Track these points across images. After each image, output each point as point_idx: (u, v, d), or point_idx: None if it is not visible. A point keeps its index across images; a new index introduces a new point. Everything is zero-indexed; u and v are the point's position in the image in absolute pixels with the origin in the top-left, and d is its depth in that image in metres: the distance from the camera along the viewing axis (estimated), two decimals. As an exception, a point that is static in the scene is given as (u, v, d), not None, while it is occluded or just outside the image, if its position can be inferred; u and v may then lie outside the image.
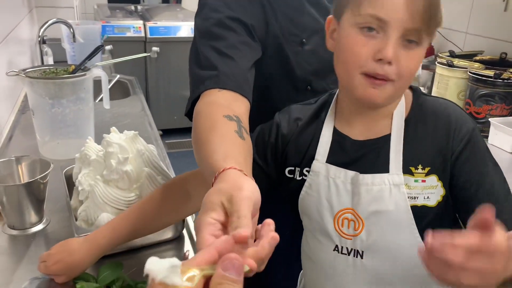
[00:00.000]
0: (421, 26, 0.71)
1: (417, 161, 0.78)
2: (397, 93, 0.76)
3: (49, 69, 1.44)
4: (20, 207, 1.03)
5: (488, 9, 2.15)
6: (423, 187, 0.77)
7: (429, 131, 0.79)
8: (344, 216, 0.81)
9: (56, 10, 2.68)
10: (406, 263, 0.79)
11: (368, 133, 0.82)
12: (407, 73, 0.73)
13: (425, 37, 0.73)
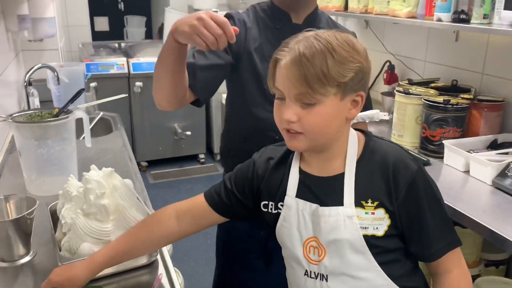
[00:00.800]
0: (305, 90, 0.84)
1: (367, 196, 0.89)
2: (314, 141, 0.90)
3: (34, 113, 1.57)
4: (9, 241, 1.14)
5: (442, 40, 2.34)
6: (373, 218, 0.89)
7: (377, 172, 0.90)
8: (310, 244, 0.93)
9: (42, 53, 2.84)
10: (365, 284, 0.91)
11: (325, 171, 0.94)
12: (311, 127, 0.87)
13: (319, 96, 0.84)
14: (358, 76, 0.86)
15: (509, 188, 1.57)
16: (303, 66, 0.83)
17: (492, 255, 1.74)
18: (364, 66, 0.88)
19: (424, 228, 0.90)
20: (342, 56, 0.84)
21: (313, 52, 0.83)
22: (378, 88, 2.86)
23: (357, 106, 0.90)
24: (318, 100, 0.85)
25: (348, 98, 0.88)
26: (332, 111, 0.86)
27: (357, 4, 2.52)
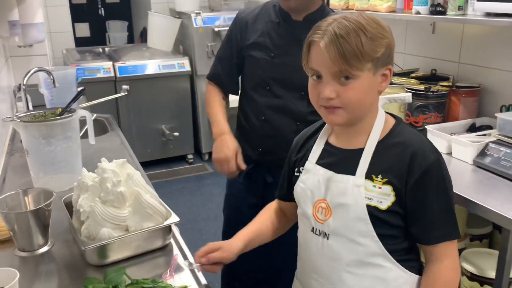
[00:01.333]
0: (343, 67, 0.92)
1: (378, 171, 0.97)
2: (352, 114, 0.97)
3: (38, 113, 1.63)
4: (29, 231, 1.21)
5: (419, 32, 2.48)
6: (379, 192, 0.96)
7: (394, 154, 0.97)
8: (320, 204, 1.03)
9: (31, 58, 2.87)
10: (361, 249, 0.99)
11: (348, 145, 1.03)
12: (351, 101, 0.95)
13: (357, 72, 0.92)
14: (387, 51, 0.94)
15: (488, 166, 1.69)
16: (340, 45, 0.90)
17: (476, 229, 1.86)
18: (391, 42, 0.96)
19: (428, 215, 0.96)
20: (372, 33, 0.92)
21: (347, 32, 0.90)
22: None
23: (387, 79, 0.97)
24: (355, 76, 0.92)
25: (379, 72, 0.95)
26: (367, 85, 0.94)
27: (338, 1, 2.63)
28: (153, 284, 1.02)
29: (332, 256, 1.02)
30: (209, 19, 3.93)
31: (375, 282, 1.00)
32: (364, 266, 1.00)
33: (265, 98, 1.58)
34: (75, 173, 1.64)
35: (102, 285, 1.02)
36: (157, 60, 3.96)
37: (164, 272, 1.12)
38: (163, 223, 1.21)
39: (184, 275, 1.13)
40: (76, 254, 1.24)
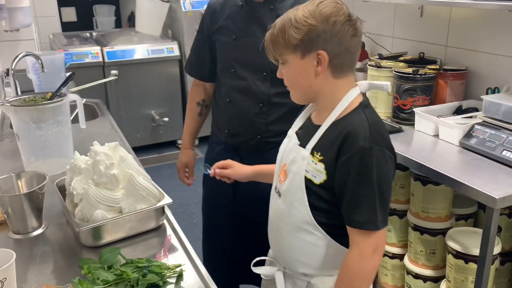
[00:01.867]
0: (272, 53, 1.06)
1: (319, 149, 1.05)
2: (296, 94, 1.09)
3: (28, 98, 1.63)
4: (23, 214, 1.22)
5: (408, 15, 2.49)
6: (314, 168, 1.05)
7: (337, 135, 1.01)
8: (284, 168, 1.14)
9: (18, 43, 2.83)
10: (297, 214, 1.09)
11: (316, 120, 1.11)
12: (287, 82, 1.09)
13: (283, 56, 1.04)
14: (311, 36, 0.98)
15: (474, 147, 1.73)
16: (271, 33, 1.04)
17: (462, 209, 1.91)
18: (318, 28, 0.98)
19: (350, 197, 1.00)
20: (298, 21, 0.99)
21: (279, 22, 1.03)
22: (350, 65, 3.00)
23: (322, 62, 1.00)
24: (284, 60, 1.04)
25: (308, 56, 1.01)
26: (297, 68, 1.04)
27: (327, -16, 2.63)
28: (148, 263, 1.04)
29: (280, 213, 1.14)
30: (198, 3, 3.91)
31: (307, 245, 1.09)
32: (299, 230, 1.09)
33: (231, 80, 1.63)
34: (66, 157, 1.65)
35: (98, 265, 1.04)
36: (145, 45, 3.93)
37: (158, 252, 1.15)
38: (156, 204, 1.23)
39: (178, 254, 1.16)
40: (70, 236, 1.25)
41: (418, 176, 1.86)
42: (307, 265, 1.10)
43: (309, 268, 1.11)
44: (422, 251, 1.91)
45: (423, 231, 1.89)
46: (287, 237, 1.12)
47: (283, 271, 1.17)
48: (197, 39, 1.75)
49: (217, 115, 1.76)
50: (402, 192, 2.03)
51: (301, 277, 1.13)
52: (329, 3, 0.99)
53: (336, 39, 0.99)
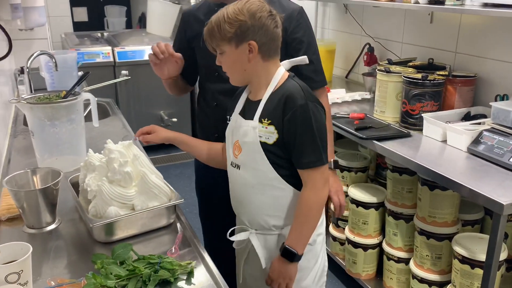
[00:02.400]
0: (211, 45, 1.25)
1: (265, 116, 1.25)
2: (235, 78, 1.28)
3: (43, 96, 1.66)
4: (37, 209, 1.25)
5: (417, 21, 2.51)
6: (265, 131, 1.25)
7: (277, 101, 1.23)
8: (236, 144, 1.32)
9: (31, 42, 2.88)
10: (261, 174, 1.28)
11: (254, 97, 1.30)
12: (225, 69, 1.27)
13: (220, 47, 1.23)
14: (242, 29, 1.18)
15: (482, 153, 1.74)
16: (208, 28, 1.22)
17: (468, 215, 1.92)
18: (247, 22, 1.18)
19: (297, 145, 1.23)
20: (230, 18, 1.18)
21: (214, 19, 1.20)
22: (359, 69, 3.02)
23: (253, 50, 1.21)
24: (222, 50, 1.23)
25: (242, 46, 1.20)
26: (233, 56, 1.23)
27: (338, -11, 2.65)
28: (160, 260, 1.07)
29: (243, 182, 1.32)
30: (208, 6, 3.94)
31: (274, 199, 1.30)
32: (265, 187, 1.29)
33: (215, 84, 1.63)
34: (79, 154, 1.68)
35: (110, 261, 1.07)
36: (156, 45, 3.97)
37: (169, 249, 1.17)
38: (168, 202, 1.25)
39: (189, 252, 1.18)
40: (83, 232, 1.28)
41: (425, 181, 1.87)
42: (277, 217, 1.32)
43: (279, 219, 1.32)
44: (428, 256, 1.92)
45: (429, 236, 1.90)
46: (255, 199, 1.31)
47: (255, 233, 1.35)
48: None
49: (203, 121, 1.76)
50: (409, 197, 2.04)
51: (272, 231, 1.33)
52: (254, 1, 1.20)
53: (262, 31, 1.20)
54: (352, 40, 3.06)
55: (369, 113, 2.34)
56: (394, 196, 2.08)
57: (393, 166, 2.05)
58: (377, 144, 1.96)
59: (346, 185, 2.36)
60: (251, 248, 1.37)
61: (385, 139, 1.98)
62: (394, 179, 2.06)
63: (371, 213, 2.18)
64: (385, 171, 2.28)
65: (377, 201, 2.17)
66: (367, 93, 2.67)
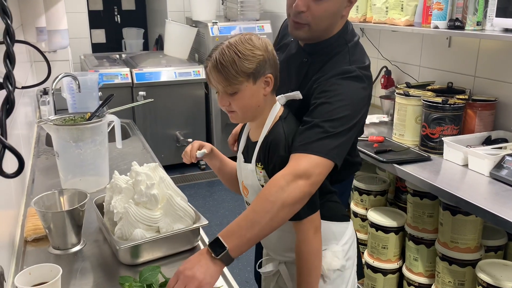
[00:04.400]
0: (225, 85, 1.15)
1: (259, 160, 1.23)
2: (244, 117, 1.22)
3: (68, 117, 1.69)
4: (64, 230, 1.26)
5: (435, 45, 2.52)
6: (261, 175, 1.24)
7: (265, 148, 1.21)
8: (243, 185, 1.32)
9: (53, 64, 2.94)
10: None
11: (254, 137, 1.28)
12: (239, 109, 1.18)
13: (237, 86, 1.14)
14: (261, 64, 1.16)
15: (505, 178, 1.73)
16: (219, 69, 1.14)
17: (491, 241, 1.89)
18: (264, 56, 1.16)
19: None
20: (245, 54, 1.14)
21: (225, 58, 1.14)
22: (376, 92, 3.02)
23: (269, 84, 1.19)
24: (238, 89, 1.16)
25: (259, 81, 1.17)
26: (250, 93, 1.17)
27: (355, 13, 2.69)
28: None
29: None
30: (225, 28, 4.01)
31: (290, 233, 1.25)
32: None
33: None
34: (102, 175, 1.70)
35: (138, 284, 1.07)
36: (173, 67, 4.04)
37: (194, 273, 1.16)
38: (192, 225, 1.25)
39: (213, 276, 1.17)
40: (107, 253, 1.28)
41: (447, 205, 1.85)
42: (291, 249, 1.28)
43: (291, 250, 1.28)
44: (450, 282, 1.89)
45: (451, 262, 1.87)
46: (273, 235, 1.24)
47: (283, 263, 1.34)
48: None
49: None
50: (430, 221, 2.02)
51: None
52: (255, 37, 1.18)
53: (274, 63, 1.20)
54: (368, 63, 3.07)
55: (388, 136, 2.34)
56: (415, 220, 2.06)
57: (414, 190, 2.04)
58: (397, 167, 1.95)
59: (365, 209, 2.35)
60: (279, 277, 1.36)
61: (406, 163, 1.98)
62: (415, 203, 2.04)
63: (390, 237, 2.16)
64: (404, 195, 2.26)
65: (397, 225, 2.14)
66: (385, 116, 2.67)
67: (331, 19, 1.24)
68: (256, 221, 1.08)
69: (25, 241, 1.32)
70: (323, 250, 1.28)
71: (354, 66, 1.24)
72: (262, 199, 1.10)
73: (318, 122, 1.15)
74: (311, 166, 1.11)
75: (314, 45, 1.31)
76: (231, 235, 1.07)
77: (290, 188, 1.09)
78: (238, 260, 1.81)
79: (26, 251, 1.29)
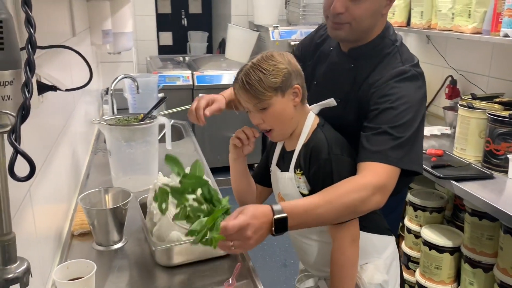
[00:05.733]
0: (255, 102, 1.17)
1: (298, 167, 1.23)
2: (281, 132, 1.22)
3: (122, 117, 1.76)
4: (106, 227, 1.30)
5: (507, 55, 2.34)
6: (300, 181, 1.23)
7: (306, 154, 1.21)
8: (280, 196, 1.31)
9: (118, 65, 3.09)
10: None
11: (289, 147, 1.28)
12: (272, 124, 1.20)
13: (267, 101, 1.16)
14: (286, 77, 1.17)
15: None
16: (246, 89, 1.16)
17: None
18: (288, 69, 1.17)
19: None
20: (269, 70, 1.15)
21: (250, 77, 1.16)
22: (439, 102, 2.87)
23: (298, 94, 1.19)
24: (268, 104, 1.17)
25: (288, 92, 1.18)
26: (280, 106, 1.18)
27: (419, 19, 2.56)
28: None
29: (296, 232, 1.29)
30: (286, 33, 3.99)
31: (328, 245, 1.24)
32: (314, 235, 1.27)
33: None
34: (151, 175, 1.74)
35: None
36: (233, 71, 4.07)
37: (226, 280, 1.16)
38: (229, 232, 1.24)
39: (246, 284, 1.16)
40: (146, 253, 1.31)
41: (509, 229, 1.71)
42: None
43: None
44: (509, 312, 1.74)
45: (511, 290, 1.72)
46: (311, 247, 1.29)
47: (323, 279, 1.31)
48: None
49: None
50: (489, 244, 1.87)
51: None
52: (276, 53, 1.20)
53: (299, 74, 1.21)
54: (433, 71, 2.92)
55: (449, 150, 2.21)
56: (472, 242, 1.91)
57: (472, 210, 1.90)
58: (455, 184, 1.83)
59: (419, 225, 2.23)
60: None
61: (465, 180, 1.85)
62: (473, 224, 1.90)
63: (445, 257, 2.03)
64: (463, 213, 2.12)
65: (452, 245, 2.01)
66: (447, 128, 2.52)
67: (371, 18, 1.21)
68: (324, 216, 1.09)
69: (72, 234, 1.39)
70: (365, 263, 1.25)
71: (408, 65, 1.23)
72: (337, 200, 1.09)
73: (386, 129, 1.15)
74: (390, 178, 1.13)
75: (359, 49, 1.28)
76: (296, 217, 1.06)
77: (371, 202, 1.10)
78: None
79: (71, 245, 1.35)
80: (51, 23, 1.52)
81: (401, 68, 1.22)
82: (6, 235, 0.67)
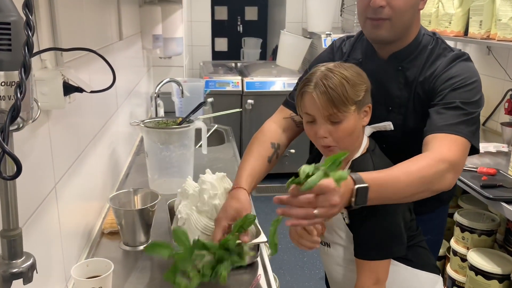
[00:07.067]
0: (333, 111, 1.09)
1: None
2: (343, 149, 1.09)
3: (161, 120, 1.79)
4: (133, 228, 1.32)
5: None
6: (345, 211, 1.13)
7: None
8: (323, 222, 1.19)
9: (169, 69, 3.16)
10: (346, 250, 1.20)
11: None
12: (340, 139, 1.11)
13: (344, 114, 1.09)
14: (366, 93, 1.13)
15: None
16: (329, 94, 1.08)
17: None
18: (368, 85, 1.14)
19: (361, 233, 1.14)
20: (354, 81, 1.10)
21: (334, 82, 1.08)
22: (498, 118, 2.68)
23: (367, 114, 1.16)
24: (345, 117, 1.10)
25: (362, 110, 1.13)
26: (353, 123, 1.12)
27: (478, 29, 2.42)
28: None
29: (332, 260, 1.25)
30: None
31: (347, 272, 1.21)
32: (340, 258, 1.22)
33: None
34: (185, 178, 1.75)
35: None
36: (283, 78, 4.06)
37: (244, 290, 1.13)
38: (251, 241, 1.22)
39: (264, 297, 1.13)
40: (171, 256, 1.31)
41: None
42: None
43: None
44: None
45: None
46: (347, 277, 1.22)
47: None
48: None
49: None
50: (543, 274, 1.71)
51: None
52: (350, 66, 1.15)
53: (369, 93, 1.16)
54: (493, 84, 2.74)
55: (504, 169, 2.06)
56: (524, 270, 1.76)
57: (525, 235, 1.75)
58: (505, 206, 1.70)
59: (466, 248, 2.08)
60: None
61: (517, 202, 1.71)
62: (525, 251, 1.75)
63: (492, 284, 1.88)
64: (515, 238, 1.96)
65: (501, 272, 1.86)
66: (504, 146, 2.35)
67: (410, 12, 1.20)
68: (400, 192, 1.02)
69: (102, 233, 1.42)
70: None
71: (458, 50, 1.26)
72: (417, 173, 1.02)
73: (459, 104, 1.14)
74: (463, 155, 1.10)
75: (403, 52, 1.27)
76: (376, 189, 0.97)
77: (446, 179, 1.05)
78: None
79: (100, 243, 1.38)
80: (99, 27, 1.58)
81: (456, 52, 1.24)
82: (13, 231, 0.69)
